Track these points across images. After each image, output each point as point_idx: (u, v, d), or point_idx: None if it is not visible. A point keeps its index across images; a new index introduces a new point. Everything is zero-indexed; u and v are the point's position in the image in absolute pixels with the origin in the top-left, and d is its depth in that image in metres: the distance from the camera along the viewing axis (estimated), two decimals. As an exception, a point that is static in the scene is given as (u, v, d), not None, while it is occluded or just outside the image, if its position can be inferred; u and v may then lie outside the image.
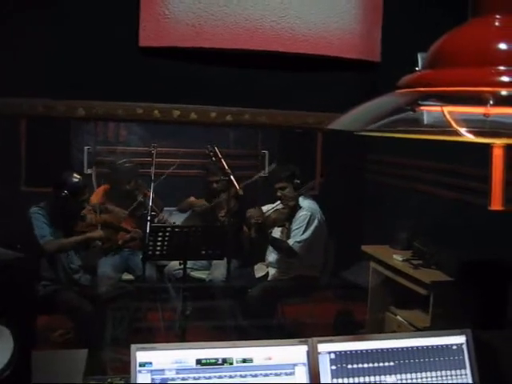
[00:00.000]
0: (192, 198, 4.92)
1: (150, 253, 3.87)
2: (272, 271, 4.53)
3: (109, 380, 1.88)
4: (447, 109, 0.94)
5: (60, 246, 3.84)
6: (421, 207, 4.63)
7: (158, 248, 3.85)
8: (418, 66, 1.34)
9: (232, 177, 4.18)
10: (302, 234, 4.30)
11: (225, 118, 1.76)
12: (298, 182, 4.44)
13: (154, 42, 1.66)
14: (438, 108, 0.94)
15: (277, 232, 4.56)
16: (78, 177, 3.92)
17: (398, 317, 4.13)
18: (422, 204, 4.64)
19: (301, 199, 4.47)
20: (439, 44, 0.91)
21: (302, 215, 4.36)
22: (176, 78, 1.79)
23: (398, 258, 4.21)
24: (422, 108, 0.98)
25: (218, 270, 4.56)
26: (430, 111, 1.04)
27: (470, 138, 0.98)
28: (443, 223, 4.17)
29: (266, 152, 5.65)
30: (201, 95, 1.80)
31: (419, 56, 1.76)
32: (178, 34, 1.64)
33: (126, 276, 4.56)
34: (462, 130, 0.96)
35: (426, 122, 1.12)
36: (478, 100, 0.90)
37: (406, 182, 5.02)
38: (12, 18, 1.71)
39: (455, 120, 0.94)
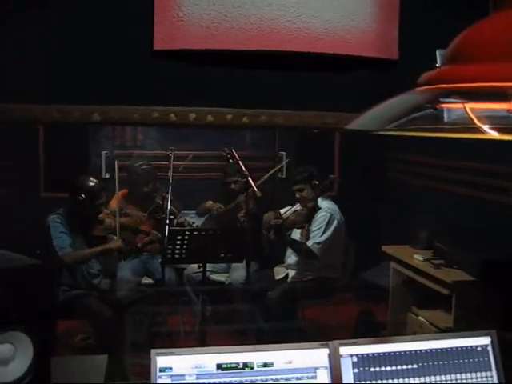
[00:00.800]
0: (209, 202, 4.90)
1: (169, 256, 3.87)
2: (292, 273, 4.50)
3: (129, 385, 1.87)
4: (469, 105, 0.91)
5: (78, 259, 3.84)
6: (441, 206, 4.58)
7: (177, 251, 3.84)
8: (437, 64, 1.31)
9: (250, 178, 4.17)
10: (322, 235, 4.26)
11: (241, 120, 1.74)
12: (317, 183, 4.40)
13: (168, 45, 1.64)
14: (460, 105, 0.92)
15: (296, 234, 4.53)
16: (95, 181, 3.91)
17: (420, 317, 4.09)
18: (443, 203, 4.59)
19: (320, 200, 4.43)
20: (461, 39, 0.88)
21: (321, 216, 4.32)
22: (191, 80, 1.77)
23: (418, 258, 4.17)
24: (443, 105, 0.95)
25: (237, 272, 4.55)
26: (451, 108, 1.01)
27: (492, 135, 0.95)
28: (464, 222, 4.13)
29: (283, 153, 5.62)
30: (216, 97, 1.78)
31: (438, 53, 1.72)
32: (193, 36, 1.62)
33: (146, 280, 4.57)
34: (485, 127, 0.94)
35: (446, 120, 1.10)
36: (501, 96, 0.88)
37: (426, 181, 4.97)
38: (26, 22, 1.70)
39: (477, 117, 0.92)
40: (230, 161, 4.40)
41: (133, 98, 1.73)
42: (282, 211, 4.47)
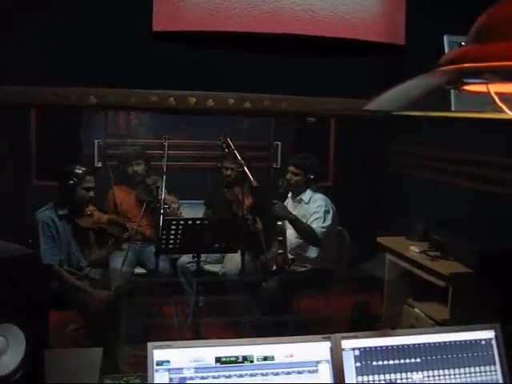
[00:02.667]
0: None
1: (162, 246, 3.82)
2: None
3: (124, 379, 1.82)
4: (493, 87, 0.86)
5: (62, 279, 3.82)
6: (437, 197, 4.55)
7: (171, 241, 3.79)
8: (444, 48, 1.25)
9: (246, 168, 4.10)
10: (324, 221, 4.21)
11: (243, 105, 1.68)
12: (312, 177, 4.34)
13: (168, 27, 1.57)
14: (483, 86, 0.87)
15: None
16: (83, 168, 3.97)
17: (416, 309, 4.06)
18: (439, 194, 4.56)
19: (311, 193, 4.37)
20: (486, 16, 0.83)
21: (317, 206, 4.27)
22: (191, 63, 1.71)
23: (414, 250, 4.14)
24: (465, 87, 0.90)
25: (231, 263, 4.51)
26: (460, 94, 0.97)
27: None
28: (461, 213, 4.10)
29: (278, 143, 5.56)
30: (218, 82, 1.72)
31: (445, 38, 1.67)
32: (194, 17, 1.55)
33: (138, 270, 4.51)
34: (506, 108, 0.89)
35: (453, 107, 1.05)
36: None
37: (422, 172, 4.94)
38: (24, 3, 1.63)
39: (501, 98, 0.87)
40: (226, 150, 4.35)
41: (131, 81, 1.66)
42: None
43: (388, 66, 1.85)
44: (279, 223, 4.18)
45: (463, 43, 0.84)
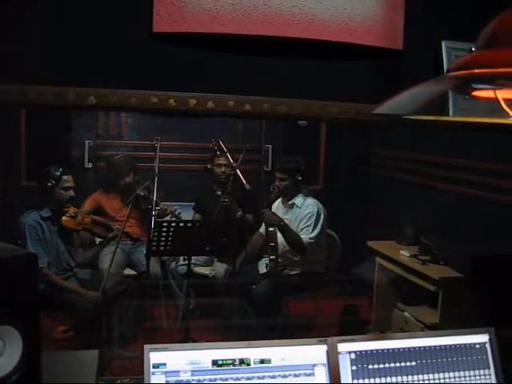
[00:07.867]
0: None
1: (153, 248, 3.80)
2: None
3: (118, 381, 1.81)
4: (500, 93, 0.86)
5: (51, 283, 3.80)
6: (428, 202, 4.57)
7: (162, 243, 3.78)
8: (441, 54, 1.26)
9: (238, 171, 4.10)
10: (312, 231, 4.19)
11: (243, 108, 1.68)
12: (300, 178, 4.32)
13: (168, 28, 1.57)
14: (491, 92, 0.87)
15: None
16: (60, 169, 3.95)
17: (406, 313, 4.08)
18: (429, 199, 4.58)
19: (302, 198, 4.35)
20: (497, 23, 0.84)
21: (308, 213, 4.24)
22: (192, 65, 1.71)
23: (405, 254, 4.16)
24: (474, 93, 0.90)
25: (222, 266, 4.49)
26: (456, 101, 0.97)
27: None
28: (451, 218, 4.12)
29: (269, 146, 5.56)
30: (218, 83, 1.72)
31: (443, 43, 1.68)
32: (194, 18, 1.56)
33: (129, 271, 4.49)
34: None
35: (451, 112, 1.06)
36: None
37: (413, 177, 4.96)
38: (21, 1, 1.62)
39: (508, 104, 0.87)
40: (218, 152, 4.34)
41: (131, 81, 1.66)
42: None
43: (386, 70, 1.86)
44: (271, 229, 4.15)
45: (473, 49, 0.84)
